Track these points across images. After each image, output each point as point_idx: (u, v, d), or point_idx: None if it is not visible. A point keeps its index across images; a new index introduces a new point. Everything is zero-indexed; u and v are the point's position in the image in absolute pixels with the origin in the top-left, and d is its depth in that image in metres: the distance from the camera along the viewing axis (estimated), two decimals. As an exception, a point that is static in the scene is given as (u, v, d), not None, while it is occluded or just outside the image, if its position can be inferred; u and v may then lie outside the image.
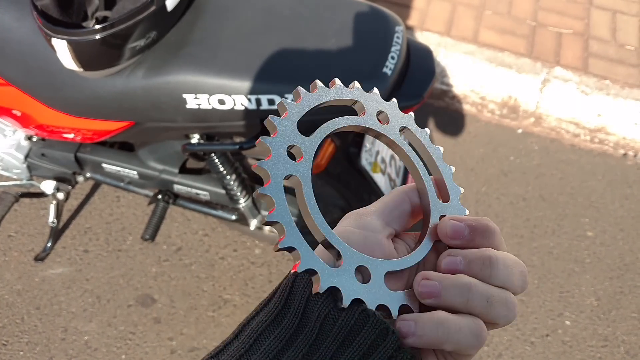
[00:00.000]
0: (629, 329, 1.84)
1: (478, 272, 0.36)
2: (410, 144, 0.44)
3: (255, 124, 1.24)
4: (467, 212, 0.43)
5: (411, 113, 0.44)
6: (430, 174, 0.43)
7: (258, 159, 1.53)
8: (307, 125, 0.42)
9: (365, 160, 1.37)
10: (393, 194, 0.42)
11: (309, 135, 0.38)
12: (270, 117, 0.37)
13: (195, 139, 1.37)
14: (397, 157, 1.53)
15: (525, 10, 2.54)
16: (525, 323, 1.82)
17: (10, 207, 1.72)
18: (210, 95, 1.20)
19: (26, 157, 1.62)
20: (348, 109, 0.41)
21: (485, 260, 0.36)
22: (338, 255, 0.36)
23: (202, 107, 1.22)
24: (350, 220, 0.40)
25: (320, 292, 0.34)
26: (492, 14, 2.51)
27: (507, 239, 2.00)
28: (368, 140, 1.39)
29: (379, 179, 1.40)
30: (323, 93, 0.39)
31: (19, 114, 1.39)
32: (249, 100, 1.18)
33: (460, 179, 2.15)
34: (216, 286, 1.82)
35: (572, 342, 1.80)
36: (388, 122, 0.42)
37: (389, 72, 1.17)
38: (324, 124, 0.38)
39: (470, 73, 2.35)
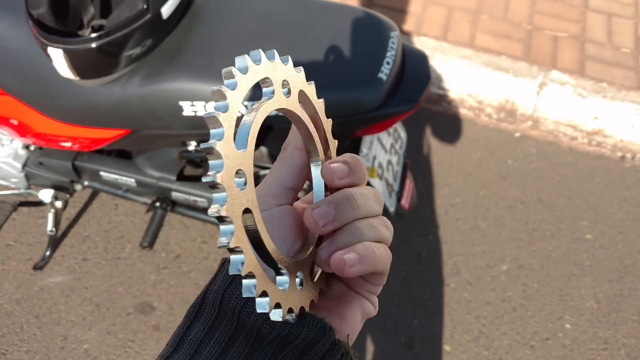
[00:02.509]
0: (630, 331, 1.84)
1: (348, 210, 0.38)
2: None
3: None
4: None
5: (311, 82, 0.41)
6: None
7: (256, 165, 1.54)
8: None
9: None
10: (278, 164, 0.42)
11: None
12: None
13: (192, 146, 1.38)
14: (394, 162, 1.53)
15: (521, 14, 2.55)
16: (525, 327, 1.82)
17: (9, 216, 1.72)
18: (206, 102, 1.20)
19: (24, 166, 1.62)
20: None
21: (350, 197, 0.38)
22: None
23: (198, 114, 1.22)
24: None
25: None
26: (488, 18, 2.52)
27: (506, 242, 2.00)
28: (365, 146, 1.39)
29: (377, 184, 1.40)
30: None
31: (16, 123, 1.40)
32: (245, 107, 1.18)
33: (458, 183, 2.15)
34: (215, 293, 1.81)
35: (573, 346, 1.80)
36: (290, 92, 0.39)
37: (384, 78, 1.17)
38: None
39: (467, 77, 2.35)
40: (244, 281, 0.32)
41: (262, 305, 0.32)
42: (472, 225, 2.04)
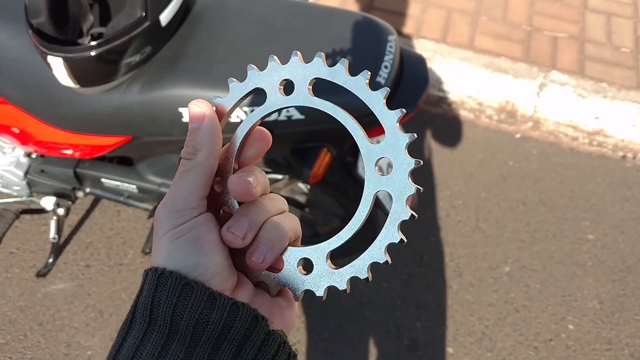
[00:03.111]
0: (633, 331, 1.83)
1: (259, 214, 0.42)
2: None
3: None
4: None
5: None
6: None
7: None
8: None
9: (362, 168, 1.37)
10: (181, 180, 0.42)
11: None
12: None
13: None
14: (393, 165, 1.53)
15: (520, 15, 2.56)
16: (528, 328, 1.82)
17: (11, 224, 1.73)
18: (205, 109, 1.20)
19: (26, 173, 1.63)
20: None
21: (258, 205, 0.42)
22: None
23: (198, 120, 1.22)
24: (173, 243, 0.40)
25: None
26: (487, 20, 2.52)
27: (508, 244, 2.00)
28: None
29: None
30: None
31: (17, 131, 1.40)
32: (245, 112, 1.19)
33: (460, 185, 2.15)
34: (218, 298, 1.82)
35: (576, 346, 1.79)
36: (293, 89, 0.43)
37: (383, 82, 1.18)
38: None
39: (467, 79, 2.35)
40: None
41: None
42: (473, 227, 2.04)
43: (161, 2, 1.19)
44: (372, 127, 1.25)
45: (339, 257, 0.51)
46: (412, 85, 1.25)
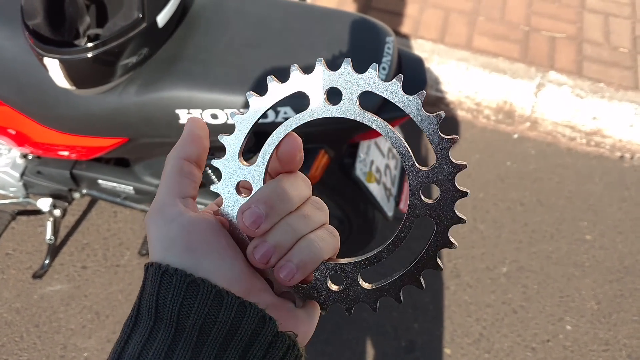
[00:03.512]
0: (630, 332, 1.83)
1: (279, 204, 0.39)
2: None
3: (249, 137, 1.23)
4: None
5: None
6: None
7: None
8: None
9: (360, 170, 1.37)
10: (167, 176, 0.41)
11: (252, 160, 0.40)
12: (219, 136, 0.41)
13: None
14: (391, 166, 1.53)
15: (518, 15, 2.55)
16: (525, 329, 1.82)
17: (7, 225, 1.73)
18: (203, 110, 1.20)
19: (22, 175, 1.62)
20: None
21: (279, 191, 0.39)
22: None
23: (195, 122, 1.22)
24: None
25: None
26: (485, 20, 2.52)
27: (506, 244, 2.00)
28: (362, 150, 1.39)
29: (374, 188, 1.40)
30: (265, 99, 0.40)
31: (13, 132, 1.40)
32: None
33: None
34: (215, 299, 1.81)
35: (574, 347, 1.79)
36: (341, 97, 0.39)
37: (381, 83, 1.17)
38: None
39: (465, 79, 2.35)
40: None
41: None
42: (471, 228, 2.04)
43: (158, 3, 1.18)
44: (370, 129, 1.24)
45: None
46: (409, 87, 1.24)
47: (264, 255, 0.37)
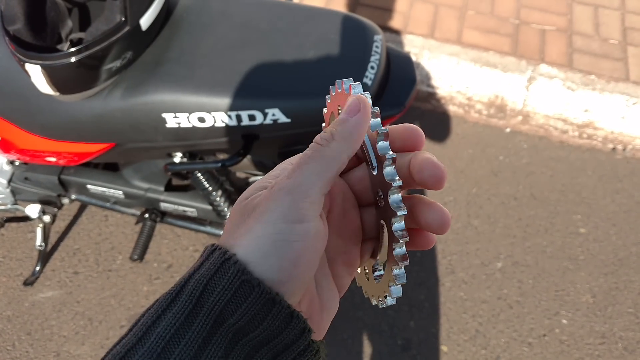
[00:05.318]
0: (626, 324, 1.83)
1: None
2: None
3: (238, 140, 1.22)
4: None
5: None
6: None
7: (248, 173, 1.52)
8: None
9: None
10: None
11: None
12: None
13: (177, 157, 1.36)
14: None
15: (507, 8, 2.54)
16: (521, 324, 1.81)
17: (-4, 233, 1.70)
18: (189, 114, 1.18)
19: (9, 181, 1.60)
20: None
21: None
22: None
23: (182, 125, 1.20)
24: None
25: None
26: (475, 14, 2.50)
27: (500, 239, 1.99)
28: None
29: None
30: None
31: (-2, 139, 1.38)
32: (229, 117, 1.16)
33: (450, 181, 2.14)
34: (209, 302, 1.80)
35: (570, 341, 1.79)
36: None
37: (369, 83, 1.16)
38: None
39: (456, 74, 2.34)
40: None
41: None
42: (465, 223, 2.03)
43: (141, 6, 1.16)
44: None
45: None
46: (399, 86, 1.23)
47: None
